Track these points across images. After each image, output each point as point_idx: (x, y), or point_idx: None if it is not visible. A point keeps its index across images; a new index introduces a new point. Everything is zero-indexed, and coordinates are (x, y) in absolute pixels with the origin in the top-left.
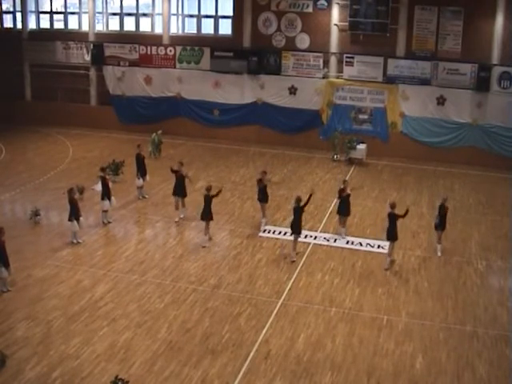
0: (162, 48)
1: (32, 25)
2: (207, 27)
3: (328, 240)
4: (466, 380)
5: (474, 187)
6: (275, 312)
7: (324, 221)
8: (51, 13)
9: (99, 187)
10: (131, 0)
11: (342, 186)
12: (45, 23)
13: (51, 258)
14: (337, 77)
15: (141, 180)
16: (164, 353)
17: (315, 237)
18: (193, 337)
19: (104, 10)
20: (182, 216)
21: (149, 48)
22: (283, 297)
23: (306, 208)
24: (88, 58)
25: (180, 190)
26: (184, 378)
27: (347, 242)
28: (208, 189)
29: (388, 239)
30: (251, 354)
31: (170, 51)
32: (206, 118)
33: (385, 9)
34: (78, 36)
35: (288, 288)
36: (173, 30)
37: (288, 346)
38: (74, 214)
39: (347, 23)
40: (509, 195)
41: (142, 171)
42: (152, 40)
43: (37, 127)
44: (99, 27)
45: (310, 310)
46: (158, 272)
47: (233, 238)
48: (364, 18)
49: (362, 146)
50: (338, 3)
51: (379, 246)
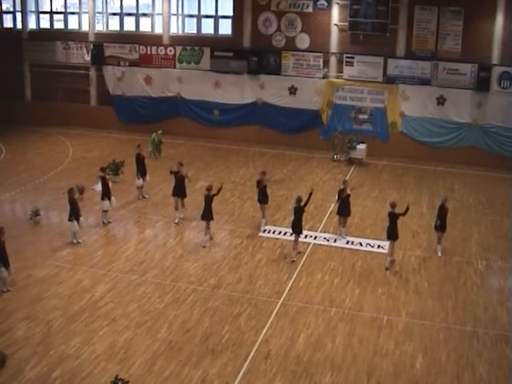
0: (162, 48)
1: (32, 25)
2: (207, 27)
3: (328, 240)
4: (466, 380)
5: (474, 187)
6: (275, 312)
7: (324, 221)
8: (51, 13)
9: (99, 187)
10: (131, 0)
11: (342, 187)
12: (45, 23)
13: (51, 258)
14: (337, 77)
15: (141, 180)
16: (164, 353)
17: (315, 237)
18: (193, 337)
19: (104, 10)
20: (182, 216)
21: (149, 48)
22: (283, 297)
23: (306, 208)
24: (88, 58)
25: (179, 191)
26: (184, 378)
27: (347, 242)
28: (208, 189)
29: (388, 238)
30: (251, 354)
31: (170, 51)
32: (206, 118)
33: (385, 9)
34: (78, 36)
35: (288, 288)
36: (173, 30)
37: (288, 346)
38: (74, 214)
39: (347, 23)
40: (509, 195)
41: (142, 171)
42: (152, 40)
43: (37, 127)
44: (99, 27)
45: (310, 310)
46: (158, 272)
47: (233, 238)
48: (364, 18)
49: (362, 146)
50: (338, 3)
51: (379, 246)
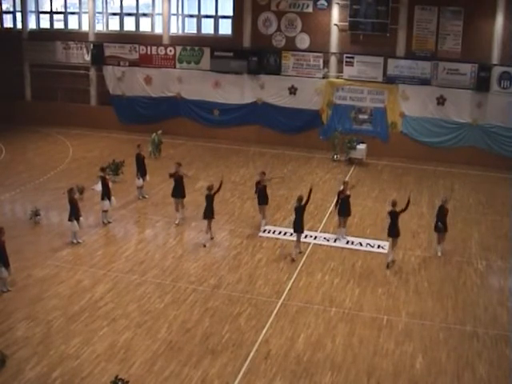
0: (162, 48)
1: (32, 25)
2: (207, 27)
3: (328, 240)
4: (466, 380)
5: (474, 187)
6: (275, 312)
7: (324, 221)
8: (51, 13)
9: (99, 187)
10: (131, 0)
11: (342, 188)
12: (45, 23)
13: (51, 258)
14: (337, 77)
15: (141, 180)
16: (164, 353)
17: (315, 237)
18: (193, 337)
19: (104, 10)
20: (182, 217)
21: (149, 48)
22: (283, 297)
23: (306, 207)
24: (88, 58)
25: (179, 192)
26: (184, 378)
27: (347, 242)
28: (209, 188)
29: (390, 236)
30: (251, 354)
31: (170, 51)
32: (206, 118)
33: (385, 9)
34: (78, 36)
35: (288, 288)
36: (173, 30)
37: (288, 346)
38: (74, 214)
39: (347, 23)
40: (509, 195)
41: (142, 171)
42: (152, 40)
43: (37, 127)
44: (99, 27)
45: (310, 310)
46: (158, 272)
47: (233, 238)
48: (364, 18)
49: (362, 146)
50: (338, 3)
51: (379, 246)
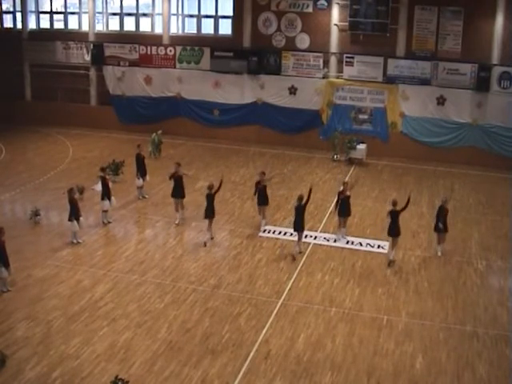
0: (162, 48)
1: (32, 25)
2: (207, 27)
3: (328, 240)
4: (466, 380)
5: (474, 187)
6: (275, 312)
7: (324, 221)
8: (51, 13)
9: (99, 187)
10: (131, 0)
11: (342, 188)
12: (45, 23)
13: (51, 258)
14: (337, 77)
15: (141, 180)
16: (164, 353)
17: (315, 237)
18: (193, 337)
19: (104, 10)
20: (182, 217)
21: (149, 48)
22: (283, 297)
23: (306, 208)
24: (88, 58)
25: (178, 192)
26: (184, 378)
27: (347, 242)
28: (210, 187)
29: (390, 235)
30: (251, 354)
31: (170, 51)
32: (206, 118)
33: (385, 9)
34: (78, 36)
35: (288, 288)
36: (173, 30)
37: (288, 346)
38: (74, 214)
39: (347, 23)
40: (509, 195)
41: (142, 171)
42: (152, 40)
43: (37, 127)
44: (99, 27)
45: (310, 310)
46: (158, 272)
47: (233, 238)
48: (364, 18)
49: (362, 146)
50: (338, 3)
51: (379, 246)
